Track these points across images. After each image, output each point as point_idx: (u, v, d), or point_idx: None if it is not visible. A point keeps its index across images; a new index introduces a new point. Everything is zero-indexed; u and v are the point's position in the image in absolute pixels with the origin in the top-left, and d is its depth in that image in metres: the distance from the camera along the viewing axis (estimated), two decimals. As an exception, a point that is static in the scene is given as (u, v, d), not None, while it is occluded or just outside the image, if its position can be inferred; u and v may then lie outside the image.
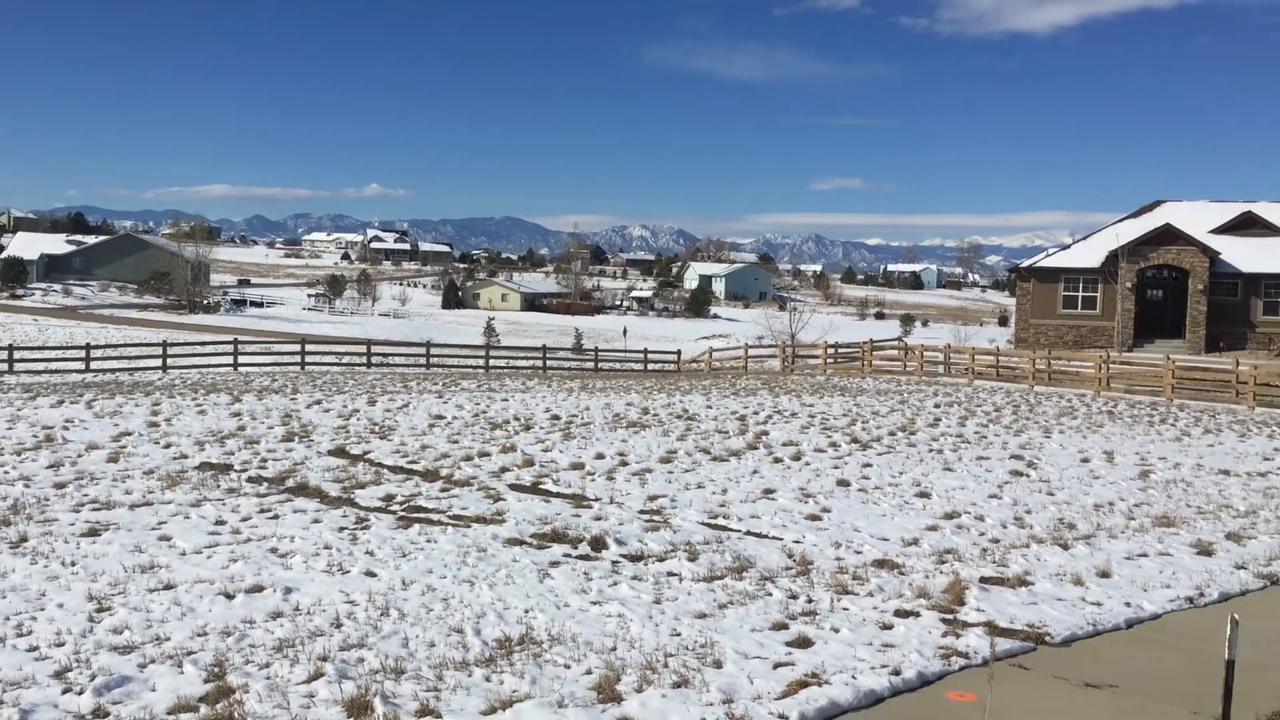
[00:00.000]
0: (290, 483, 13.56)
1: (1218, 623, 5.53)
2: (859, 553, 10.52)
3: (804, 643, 7.54)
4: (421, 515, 11.76)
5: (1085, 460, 17.72)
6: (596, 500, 12.92)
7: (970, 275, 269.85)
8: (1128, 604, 8.81)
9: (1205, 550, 10.87)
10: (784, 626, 7.92)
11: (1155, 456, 18.49)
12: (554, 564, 9.71)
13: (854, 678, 6.78)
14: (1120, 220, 56.73)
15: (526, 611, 8.20)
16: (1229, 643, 5.28)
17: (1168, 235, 50.58)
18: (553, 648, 7.36)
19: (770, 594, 8.85)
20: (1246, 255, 50.97)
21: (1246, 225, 53.52)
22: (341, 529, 10.91)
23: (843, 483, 14.57)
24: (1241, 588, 9.48)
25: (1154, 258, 50.70)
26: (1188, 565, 10.23)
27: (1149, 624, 8.39)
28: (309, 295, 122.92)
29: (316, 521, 11.23)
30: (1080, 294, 52.88)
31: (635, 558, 10.06)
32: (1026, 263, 56.78)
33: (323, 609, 8.16)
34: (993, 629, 7.92)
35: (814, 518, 12.16)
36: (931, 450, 18.27)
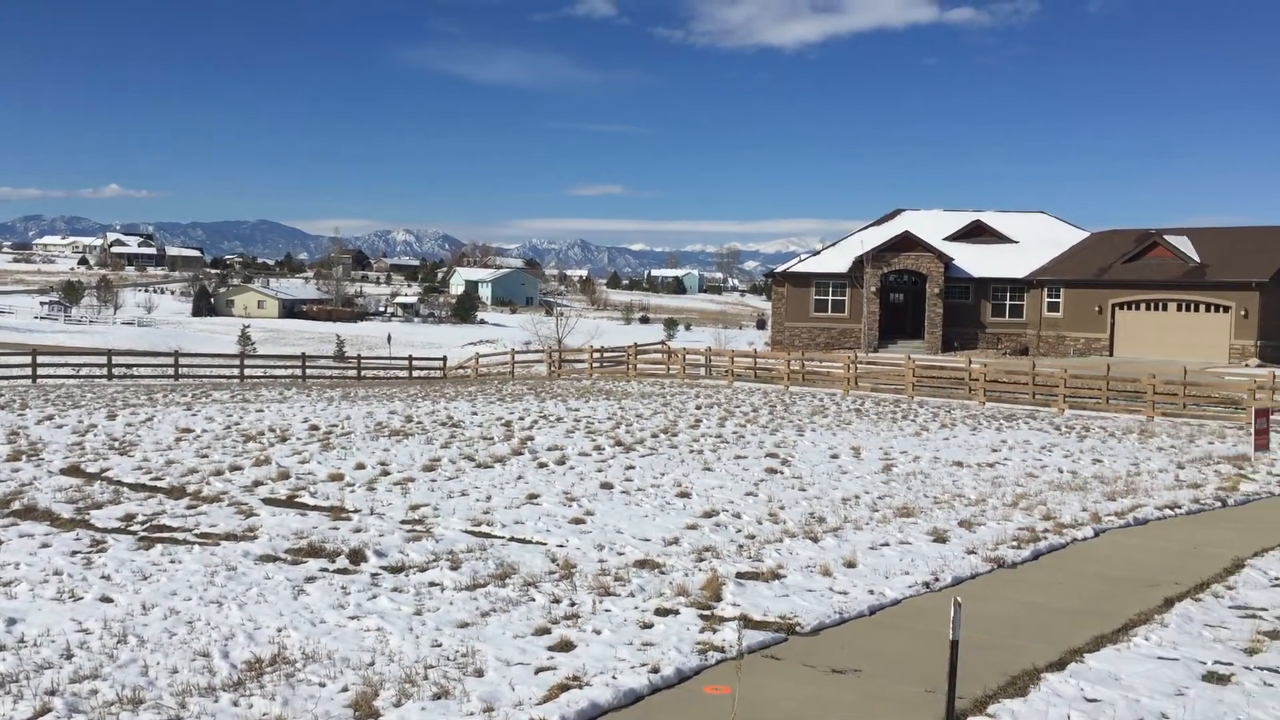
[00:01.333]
0: (16, 505, 12.54)
1: (951, 606, 5.91)
2: (621, 554, 10.68)
3: (566, 646, 7.57)
4: (165, 535, 11.12)
5: (835, 456, 18.62)
6: (356, 512, 12.58)
7: (730, 280, 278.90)
8: (871, 591, 9.29)
9: (940, 538, 11.62)
10: (546, 631, 7.94)
11: (897, 451, 19.65)
12: (310, 579, 9.38)
13: (614, 678, 6.86)
14: (865, 227, 60.06)
15: (280, 630, 7.88)
16: (953, 624, 5.65)
17: (907, 242, 53.95)
18: (307, 666, 7.10)
19: (533, 599, 8.85)
20: (977, 260, 54.99)
21: (976, 233, 57.79)
22: (74, 553, 10.18)
23: (606, 485, 14.75)
24: (972, 571, 10.17)
25: (896, 263, 53.92)
26: (925, 553, 10.90)
27: (890, 610, 8.87)
28: (42, 303, 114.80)
29: (45, 546, 10.43)
30: (830, 298, 55.63)
31: (396, 569, 9.86)
32: (781, 268, 59.28)
33: (51, 640, 7.58)
34: (746, 622, 8.19)
35: (578, 521, 12.26)
36: (692, 451, 18.76)
